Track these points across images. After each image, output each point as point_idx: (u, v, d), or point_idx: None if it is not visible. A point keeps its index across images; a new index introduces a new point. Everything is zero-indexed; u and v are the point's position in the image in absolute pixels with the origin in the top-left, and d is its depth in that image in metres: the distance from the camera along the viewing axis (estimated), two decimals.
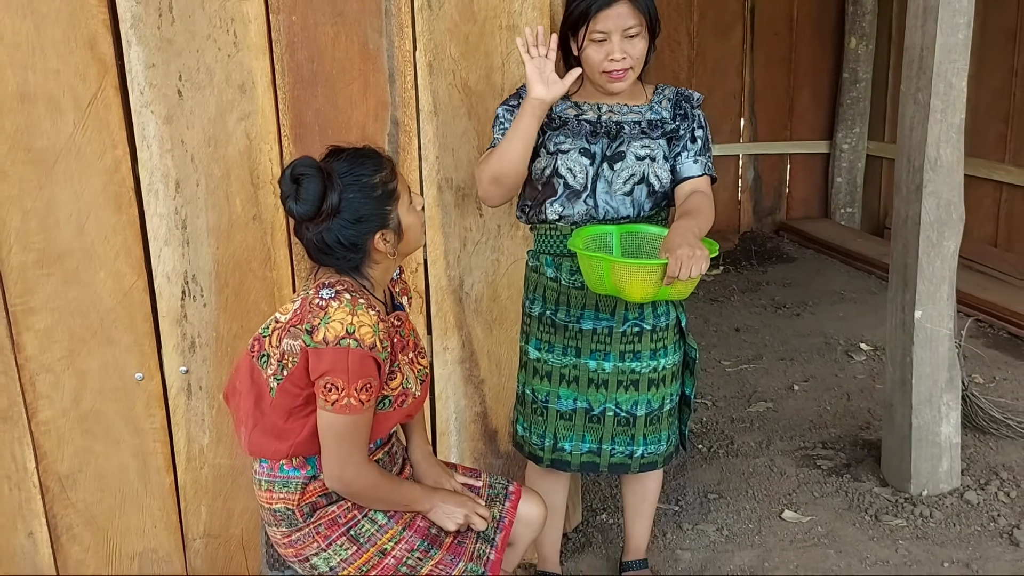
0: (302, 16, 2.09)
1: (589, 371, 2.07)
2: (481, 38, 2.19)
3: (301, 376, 1.59)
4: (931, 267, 2.64)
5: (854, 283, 5.08)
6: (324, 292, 1.60)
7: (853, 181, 6.14)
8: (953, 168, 2.57)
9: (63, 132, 2.04)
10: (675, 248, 1.72)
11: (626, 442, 2.11)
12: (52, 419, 2.21)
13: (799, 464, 3.00)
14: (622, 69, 1.92)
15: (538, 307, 2.11)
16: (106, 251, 2.13)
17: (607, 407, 2.09)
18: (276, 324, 1.65)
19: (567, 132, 1.99)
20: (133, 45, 2.03)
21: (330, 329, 1.54)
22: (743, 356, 4.01)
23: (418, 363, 1.77)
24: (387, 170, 1.65)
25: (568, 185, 1.98)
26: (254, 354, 1.67)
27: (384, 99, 2.18)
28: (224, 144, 2.13)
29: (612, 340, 2.06)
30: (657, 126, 2.00)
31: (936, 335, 2.69)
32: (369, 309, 1.58)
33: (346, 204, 1.59)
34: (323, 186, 1.57)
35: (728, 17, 6.00)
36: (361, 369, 1.55)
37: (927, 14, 2.50)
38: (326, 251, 1.62)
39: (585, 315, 2.05)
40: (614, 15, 1.89)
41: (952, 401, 2.75)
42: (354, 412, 1.56)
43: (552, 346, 2.09)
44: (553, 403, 2.11)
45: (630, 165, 1.97)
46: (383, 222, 1.63)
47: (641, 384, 2.08)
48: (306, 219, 1.60)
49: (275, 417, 1.63)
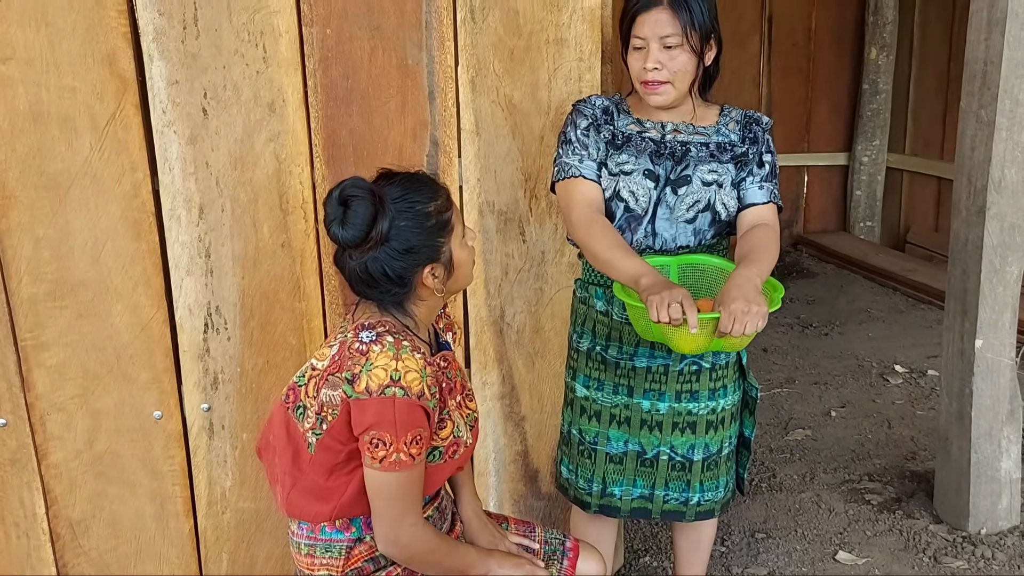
0: (337, 29, 1.94)
1: (642, 412, 1.92)
2: (527, 52, 2.04)
3: (343, 430, 1.43)
4: (993, 294, 2.50)
5: (880, 301, 4.94)
6: (364, 335, 1.44)
7: (873, 194, 6.01)
8: (1018, 189, 2.43)
9: (79, 154, 1.89)
10: (730, 302, 1.55)
11: (681, 488, 1.96)
12: (64, 461, 2.05)
13: (847, 499, 2.85)
14: (655, 81, 1.77)
15: (587, 342, 1.96)
16: (124, 282, 1.97)
17: (661, 450, 1.93)
18: (312, 372, 1.49)
19: (630, 150, 1.84)
20: (155, 60, 1.87)
21: (373, 377, 1.38)
22: (775, 379, 3.87)
23: (466, 407, 1.61)
24: (442, 199, 1.49)
25: (629, 209, 1.83)
26: (289, 405, 1.51)
27: (423, 118, 2.03)
28: (252, 166, 1.97)
29: (668, 379, 1.91)
30: (726, 149, 1.85)
31: (997, 365, 2.54)
32: (415, 352, 1.42)
33: (396, 232, 1.43)
34: (374, 211, 1.42)
35: (745, 27, 5.88)
36: (410, 420, 1.39)
37: (992, 27, 2.36)
38: (370, 283, 1.47)
39: (639, 352, 1.90)
40: (651, 21, 1.75)
41: (1013, 435, 2.61)
42: (405, 468, 1.41)
43: (602, 384, 1.94)
44: (602, 445, 1.95)
45: (696, 191, 1.82)
46: (434, 255, 1.48)
47: (698, 426, 1.93)
48: (351, 246, 1.44)
49: (315, 476, 1.47)
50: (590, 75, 2.07)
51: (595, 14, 2.04)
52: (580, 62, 2.06)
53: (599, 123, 1.85)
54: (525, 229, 2.15)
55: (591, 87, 2.08)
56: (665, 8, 1.74)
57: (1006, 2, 2.30)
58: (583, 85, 2.07)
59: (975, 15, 2.41)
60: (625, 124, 1.87)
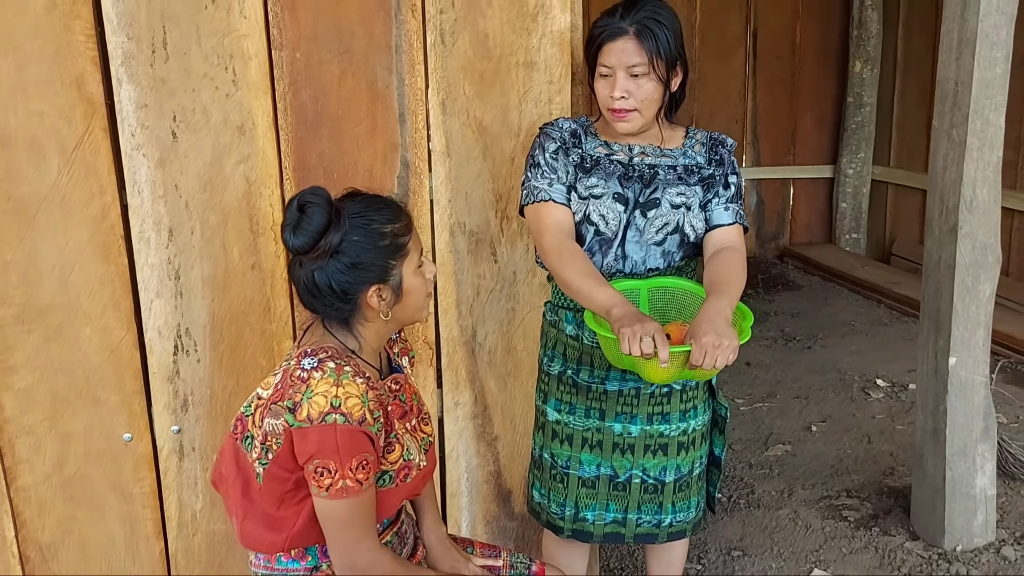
0: (306, 53, 1.94)
1: (614, 435, 1.92)
2: (497, 76, 2.05)
3: (288, 459, 1.42)
4: (966, 312, 2.51)
5: (864, 314, 4.96)
6: (305, 362, 1.43)
7: (858, 207, 6.04)
8: (990, 208, 2.45)
9: (46, 178, 1.88)
10: (701, 335, 1.55)
11: (654, 511, 1.96)
12: (33, 485, 2.04)
13: (824, 516, 2.85)
14: (624, 109, 1.78)
15: (558, 365, 1.96)
16: (92, 305, 1.97)
17: (633, 473, 1.94)
18: (258, 401, 1.48)
19: (599, 173, 1.84)
20: (124, 84, 1.88)
21: (313, 405, 1.37)
22: (756, 394, 3.87)
23: (421, 430, 1.61)
24: (402, 224, 1.49)
25: (599, 232, 1.83)
26: (238, 436, 1.50)
27: (394, 140, 2.03)
28: (221, 189, 1.98)
29: (639, 402, 1.91)
30: (693, 171, 1.86)
31: (971, 383, 2.55)
32: (356, 377, 1.41)
33: (347, 246, 1.43)
34: (327, 220, 1.42)
35: (730, 40, 5.91)
36: (353, 446, 1.38)
37: (962, 47, 2.37)
38: (315, 293, 1.46)
39: (611, 376, 1.90)
40: (617, 50, 1.75)
41: (987, 452, 2.62)
42: (353, 495, 1.40)
43: (574, 408, 1.94)
44: (575, 469, 1.95)
45: (664, 213, 1.83)
46: (382, 276, 1.47)
47: (670, 448, 1.93)
48: (300, 252, 1.44)
49: (265, 506, 1.46)
50: (560, 98, 2.08)
51: (564, 37, 2.05)
52: (550, 85, 2.07)
53: (567, 146, 1.85)
54: (496, 249, 2.15)
55: (561, 109, 2.08)
56: (631, 37, 1.75)
57: (976, 23, 2.32)
58: (553, 107, 2.08)
59: (946, 35, 2.43)
60: (593, 147, 1.87)
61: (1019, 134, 4.86)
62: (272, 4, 1.91)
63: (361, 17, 1.95)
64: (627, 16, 1.75)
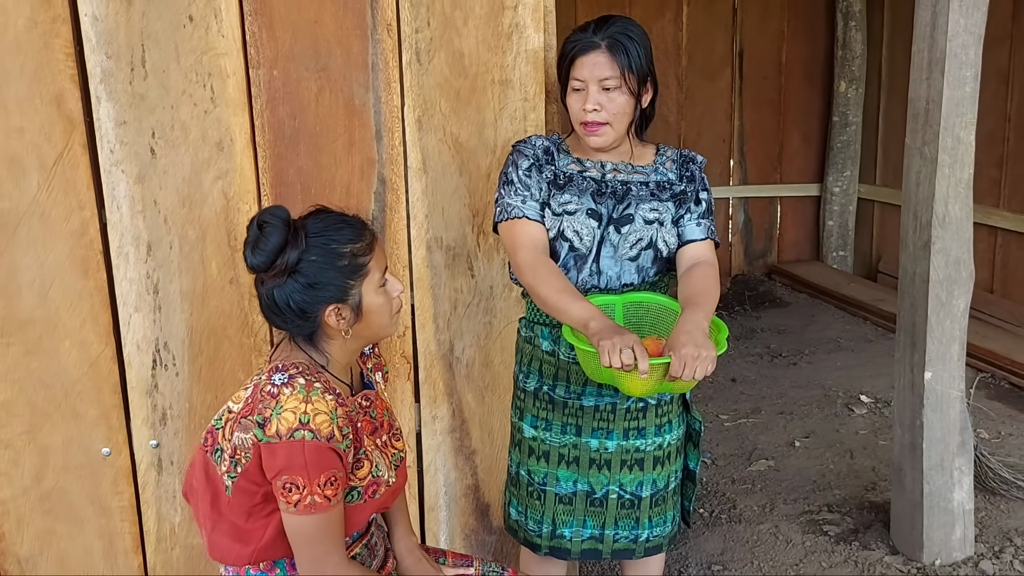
0: (284, 71, 1.98)
1: (591, 451, 1.94)
2: (472, 93, 2.08)
3: (256, 473, 1.44)
4: (940, 327, 2.53)
5: (850, 330, 4.98)
6: (276, 377, 1.45)
7: (845, 224, 6.08)
8: (962, 224, 2.48)
9: (26, 194, 1.91)
10: (680, 347, 1.58)
11: (630, 526, 1.97)
12: (11, 498, 2.05)
13: (805, 530, 2.86)
14: (595, 122, 1.80)
15: (534, 382, 1.97)
16: (72, 319, 1.99)
17: (610, 489, 1.95)
18: (228, 415, 1.50)
19: (572, 190, 1.86)
20: (103, 101, 1.91)
21: (282, 421, 1.39)
22: (741, 410, 3.89)
23: (392, 446, 1.62)
24: (363, 243, 1.50)
25: (574, 248, 1.85)
26: (208, 448, 1.52)
27: (371, 156, 2.06)
28: (200, 204, 2.00)
29: (616, 417, 1.92)
30: (665, 188, 1.89)
31: (947, 397, 2.57)
32: (326, 394, 1.43)
33: (305, 266, 1.45)
34: (284, 239, 1.44)
35: (716, 60, 5.97)
36: (320, 462, 1.40)
37: (932, 67, 2.42)
38: (275, 311, 1.48)
39: (587, 391, 1.92)
40: (589, 63, 1.78)
41: (964, 466, 2.63)
42: (321, 511, 1.41)
43: (550, 424, 1.95)
44: (551, 486, 1.96)
45: (638, 229, 1.85)
46: (340, 295, 1.48)
47: (646, 463, 1.95)
48: (258, 270, 1.47)
49: (234, 518, 1.48)
50: (535, 115, 2.12)
51: (539, 56, 2.09)
52: (525, 102, 2.11)
53: (541, 163, 1.88)
54: (473, 264, 2.18)
55: (536, 126, 2.12)
56: (603, 51, 1.78)
57: (944, 43, 2.36)
58: (528, 124, 2.12)
59: (916, 55, 2.47)
60: (566, 164, 1.90)
61: (1002, 153, 4.92)
62: (250, 23, 1.94)
63: (338, 36, 1.99)
64: (599, 31, 1.79)
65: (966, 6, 2.34)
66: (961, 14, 2.33)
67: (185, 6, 1.90)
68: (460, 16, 2.03)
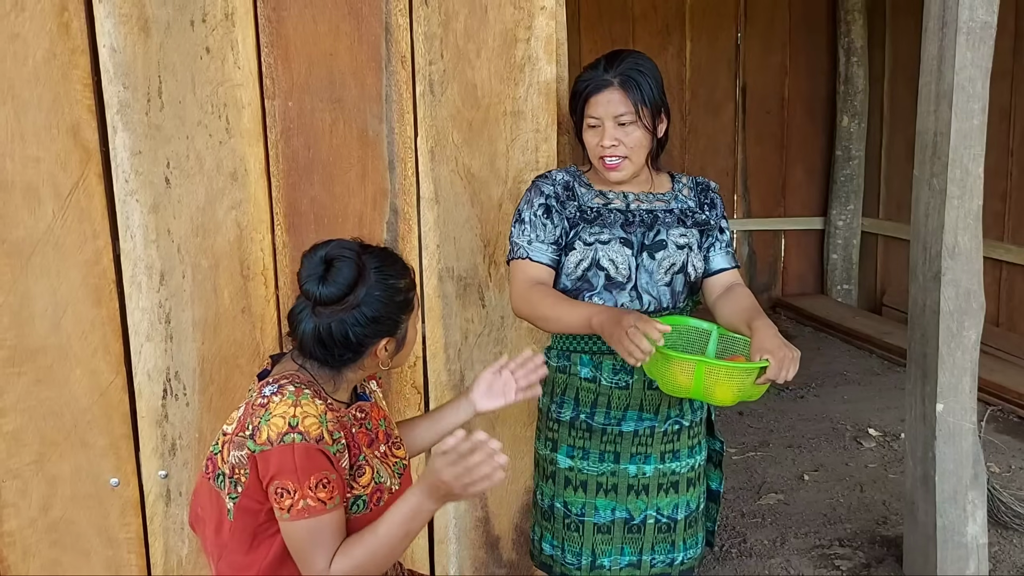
0: (298, 102, 2.00)
1: (629, 477, 1.92)
2: (485, 124, 2.10)
3: (255, 488, 1.42)
4: (952, 358, 2.52)
5: (856, 363, 4.97)
6: (266, 390, 1.46)
7: (849, 258, 6.09)
8: (972, 255, 2.48)
9: (41, 222, 1.92)
10: (775, 349, 1.64)
11: (667, 549, 1.95)
12: (18, 529, 2.03)
13: (817, 565, 2.83)
14: (616, 156, 1.83)
15: (569, 411, 1.94)
16: (83, 348, 1.99)
17: (648, 514, 1.93)
18: (224, 437, 1.50)
19: (602, 222, 1.87)
20: (119, 131, 1.92)
21: (272, 426, 1.39)
22: (749, 443, 3.86)
23: (393, 455, 1.62)
24: (409, 279, 1.55)
25: (610, 277, 1.86)
26: (209, 475, 1.51)
27: (383, 186, 2.07)
28: (213, 234, 2.01)
29: (653, 441, 1.91)
30: (688, 215, 1.91)
31: (959, 429, 2.56)
32: (315, 399, 1.44)
33: (369, 300, 1.47)
34: (357, 274, 1.46)
35: (719, 95, 6.03)
36: (310, 464, 1.38)
37: (940, 99, 2.44)
38: (326, 343, 1.48)
39: (628, 416, 1.90)
40: (604, 101, 1.81)
41: (978, 499, 2.61)
42: (315, 514, 1.39)
43: (587, 452, 1.93)
44: (590, 516, 1.94)
45: (671, 254, 1.87)
46: (393, 329, 1.52)
47: (680, 485, 1.94)
48: (326, 303, 1.46)
49: (238, 540, 1.46)
50: (546, 146, 2.13)
51: (551, 88, 2.11)
52: (537, 133, 2.12)
53: (562, 200, 1.88)
54: (484, 294, 2.18)
55: (548, 157, 2.13)
56: (616, 88, 1.80)
57: (952, 75, 2.38)
58: (540, 155, 2.13)
59: (924, 88, 2.49)
60: (590, 199, 1.90)
61: (1006, 187, 4.94)
62: (266, 55, 1.97)
63: (353, 68, 2.01)
64: (610, 69, 1.81)
65: (973, 40, 2.36)
66: (968, 48, 2.36)
67: (202, 38, 1.92)
68: (473, 48, 2.06)
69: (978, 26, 2.36)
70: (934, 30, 2.43)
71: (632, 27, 5.83)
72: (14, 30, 1.84)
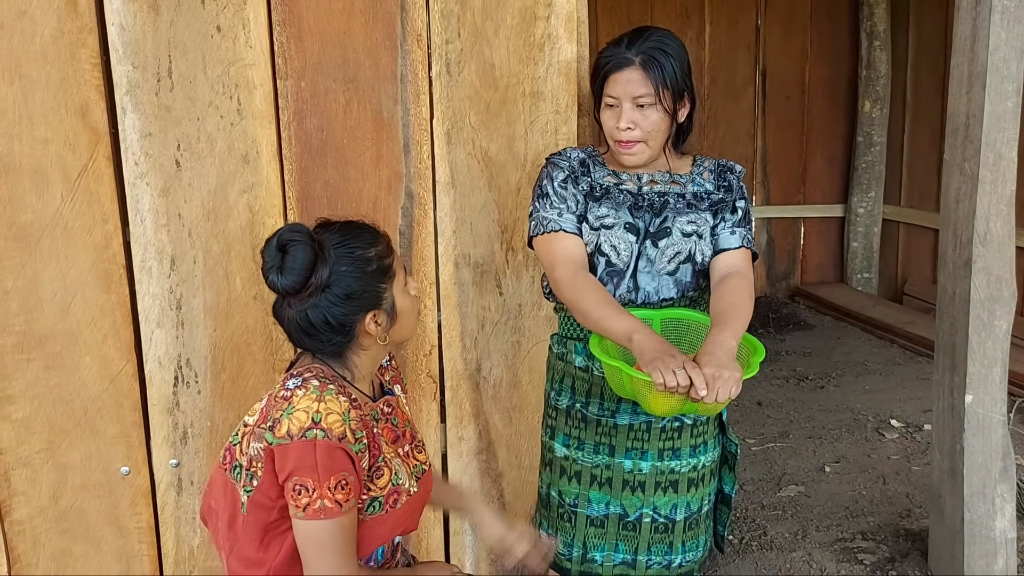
0: (311, 82, 1.94)
1: (624, 472, 1.87)
2: (503, 105, 2.04)
3: (271, 483, 1.38)
4: (982, 348, 2.45)
5: (877, 353, 4.89)
6: (290, 383, 1.40)
7: (869, 246, 5.99)
8: (1004, 242, 2.41)
9: (50, 206, 1.88)
10: (704, 366, 1.51)
11: (664, 551, 1.90)
12: (28, 518, 2.00)
13: (839, 559, 2.77)
14: (630, 140, 1.75)
15: (566, 399, 1.91)
16: (93, 334, 1.95)
17: (644, 512, 1.88)
18: (245, 429, 1.45)
19: (609, 203, 1.80)
20: (128, 112, 1.88)
21: (294, 420, 1.33)
22: (768, 434, 3.80)
23: (415, 458, 1.57)
24: (383, 245, 1.47)
25: (611, 264, 1.79)
26: (226, 467, 1.46)
27: (398, 170, 2.02)
28: (225, 218, 1.96)
29: (650, 436, 1.86)
30: (703, 198, 1.83)
31: (989, 421, 2.49)
32: (339, 395, 1.38)
33: (337, 278, 1.40)
34: (313, 256, 1.39)
35: (739, 80, 5.93)
36: (331, 463, 1.33)
37: (973, 80, 2.35)
38: (310, 332, 1.43)
39: (622, 408, 1.85)
40: (623, 80, 1.73)
41: (1007, 493, 2.54)
42: (332, 516, 1.34)
43: (582, 443, 1.89)
44: (583, 507, 1.90)
45: (676, 242, 1.79)
46: (376, 301, 1.44)
47: (680, 485, 1.88)
48: (290, 293, 1.41)
49: (250, 536, 1.42)
50: (566, 128, 2.07)
51: (571, 68, 2.05)
52: (556, 115, 2.06)
53: (577, 175, 1.83)
54: (502, 281, 2.13)
55: (567, 139, 2.07)
56: (637, 68, 1.73)
57: (986, 56, 2.30)
58: (559, 138, 2.07)
59: (955, 69, 2.41)
60: (602, 176, 1.84)
61: None
62: (278, 34, 1.91)
63: (367, 47, 1.95)
64: (633, 46, 1.74)
65: (1008, 19, 2.28)
66: (1003, 27, 2.28)
67: (213, 16, 1.87)
68: (491, 27, 1.99)
69: (1013, 4, 2.27)
70: (967, 9, 2.34)
71: (651, 9, 5.74)
72: (21, 7, 1.80)
